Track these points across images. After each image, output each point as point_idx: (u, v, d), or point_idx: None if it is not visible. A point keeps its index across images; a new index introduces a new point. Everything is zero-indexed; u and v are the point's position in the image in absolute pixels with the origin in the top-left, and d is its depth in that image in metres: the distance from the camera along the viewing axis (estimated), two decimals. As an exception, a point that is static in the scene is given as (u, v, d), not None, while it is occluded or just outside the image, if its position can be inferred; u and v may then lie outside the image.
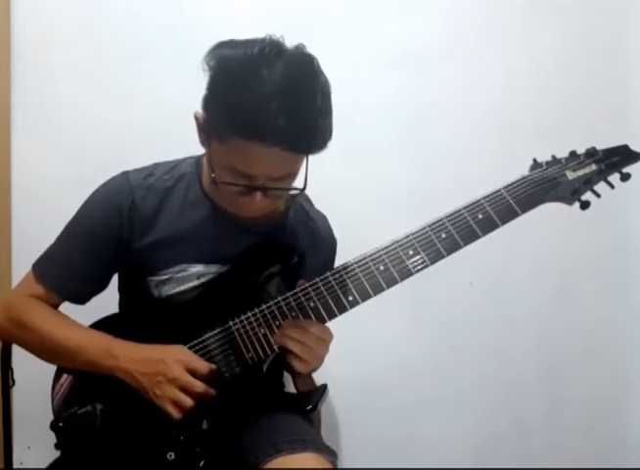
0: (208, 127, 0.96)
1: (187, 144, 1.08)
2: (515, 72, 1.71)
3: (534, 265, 1.75)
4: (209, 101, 0.95)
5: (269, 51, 0.90)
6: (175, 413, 0.97)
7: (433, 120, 1.69)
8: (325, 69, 0.96)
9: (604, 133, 1.18)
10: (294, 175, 0.99)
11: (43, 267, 1.09)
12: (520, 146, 1.63)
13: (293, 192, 1.01)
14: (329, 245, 1.22)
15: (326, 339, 1.01)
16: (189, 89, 0.96)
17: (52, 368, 1.12)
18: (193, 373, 0.98)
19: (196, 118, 0.99)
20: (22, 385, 1.28)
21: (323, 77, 0.94)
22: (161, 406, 0.97)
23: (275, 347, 1.01)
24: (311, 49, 0.96)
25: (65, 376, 1.09)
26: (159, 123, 1.55)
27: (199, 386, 0.97)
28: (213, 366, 1.00)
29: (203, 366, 0.99)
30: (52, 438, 1.06)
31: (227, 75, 0.91)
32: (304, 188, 0.99)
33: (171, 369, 0.97)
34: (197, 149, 1.09)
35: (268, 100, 0.87)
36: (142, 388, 0.99)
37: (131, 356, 1.00)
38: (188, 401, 0.96)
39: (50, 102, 1.57)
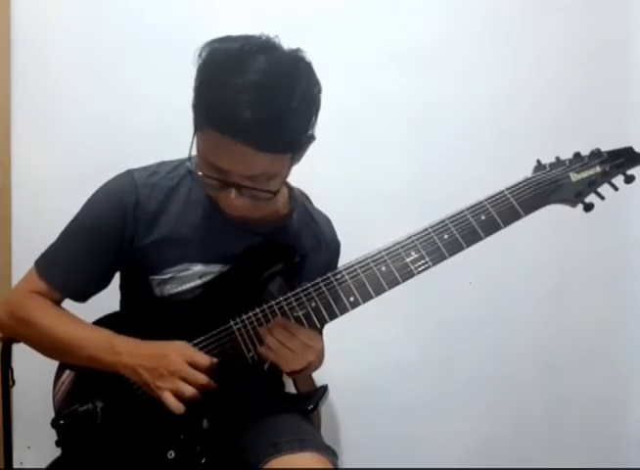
0: (193, 118, 0.96)
1: (188, 144, 1.08)
2: (515, 73, 1.71)
3: (534, 265, 1.74)
4: (194, 91, 0.94)
5: (253, 46, 0.90)
6: (176, 404, 0.96)
7: (433, 120, 1.69)
8: (325, 68, 0.96)
9: (604, 133, 1.18)
10: (268, 176, 0.95)
11: (45, 264, 1.09)
12: (520, 146, 1.64)
13: (263, 194, 0.97)
14: (332, 248, 1.21)
15: (314, 345, 1.01)
16: (190, 88, 0.95)
17: (52, 368, 1.12)
18: (195, 366, 0.97)
19: None
20: (22, 385, 1.28)
21: (308, 81, 0.93)
22: (162, 398, 0.96)
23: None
24: (311, 49, 0.95)
25: (66, 374, 1.10)
26: (159, 123, 1.55)
27: (200, 377, 0.97)
28: (215, 359, 1.00)
29: (204, 359, 0.99)
30: (52, 438, 1.06)
31: (211, 67, 0.91)
32: (276, 192, 0.98)
33: (173, 362, 0.97)
34: (199, 149, 1.09)
35: (240, 92, 0.86)
36: (144, 382, 0.99)
37: (134, 352, 1.00)
38: (189, 390, 0.96)
39: (50, 102, 1.57)
